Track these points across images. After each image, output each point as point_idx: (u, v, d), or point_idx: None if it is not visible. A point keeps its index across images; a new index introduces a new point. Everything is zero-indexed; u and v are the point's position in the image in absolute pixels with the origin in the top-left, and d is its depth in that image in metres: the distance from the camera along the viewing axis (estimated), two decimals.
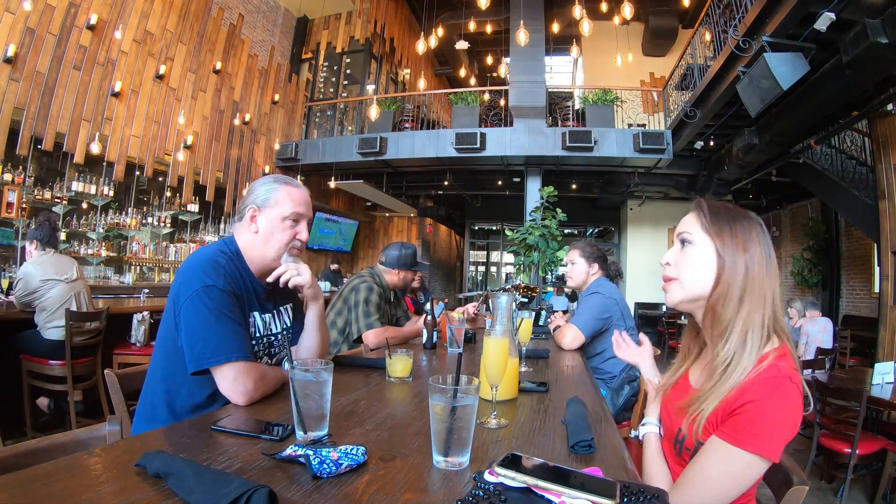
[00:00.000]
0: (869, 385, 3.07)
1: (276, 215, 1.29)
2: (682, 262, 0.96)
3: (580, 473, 0.71)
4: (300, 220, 1.33)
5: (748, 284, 0.89)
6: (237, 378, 1.12)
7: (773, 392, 0.81)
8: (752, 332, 0.87)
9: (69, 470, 0.71)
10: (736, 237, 0.91)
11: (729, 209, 0.96)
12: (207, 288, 1.16)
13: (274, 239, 1.29)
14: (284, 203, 1.30)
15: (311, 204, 1.37)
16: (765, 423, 0.80)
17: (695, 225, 0.96)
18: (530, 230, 6.04)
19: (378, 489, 0.68)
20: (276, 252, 1.30)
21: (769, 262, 0.90)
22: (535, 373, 1.66)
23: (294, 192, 1.32)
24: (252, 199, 1.32)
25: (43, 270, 3.02)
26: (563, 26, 7.88)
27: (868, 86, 4.67)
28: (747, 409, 0.81)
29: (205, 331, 1.13)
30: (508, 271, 13.73)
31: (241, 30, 7.62)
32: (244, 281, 1.28)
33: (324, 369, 0.89)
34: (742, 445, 0.80)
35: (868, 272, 7.13)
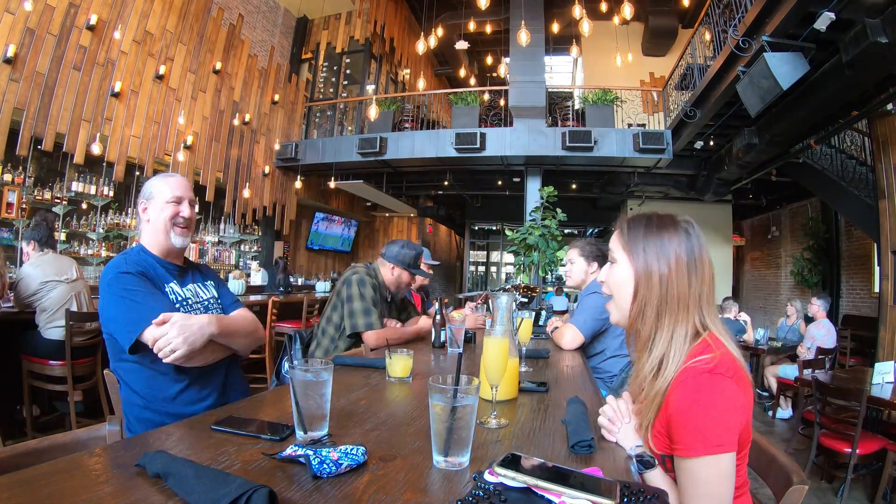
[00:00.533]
0: (869, 385, 3.06)
1: (160, 201, 1.48)
2: (610, 281, 1.00)
3: (580, 473, 0.71)
4: (181, 202, 1.50)
5: (665, 298, 0.91)
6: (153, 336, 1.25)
7: (688, 393, 0.83)
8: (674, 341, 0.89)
9: (69, 470, 0.71)
10: (650, 252, 0.93)
11: (649, 222, 0.97)
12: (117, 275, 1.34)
13: (160, 221, 1.47)
14: (163, 189, 1.48)
15: (189, 187, 1.55)
16: (693, 425, 0.81)
17: (616, 243, 1.00)
18: (530, 230, 6.03)
19: (378, 489, 0.68)
20: (165, 232, 1.47)
21: (692, 270, 0.91)
22: (535, 373, 1.66)
23: (169, 179, 1.52)
24: (141, 197, 1.52)
25: (42, 272, 3.02)
26: (562, 26, 7.88)
27: (868, 86, 4.67)
28: (676, 420, 0.83)
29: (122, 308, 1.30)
30: (509, 271, 13.73)
31: (241, 30, 7.62)
32: (150, 264, 1.45)
33: (324, 369, 0.90)
34: (693, 453, 0.81)
35: (868, 272, 7.13)
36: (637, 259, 0.94)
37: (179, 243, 1.50)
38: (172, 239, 1.48)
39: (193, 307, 1.48)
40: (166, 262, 1.51)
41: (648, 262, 0.92)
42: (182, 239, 1.50)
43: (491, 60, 10.95)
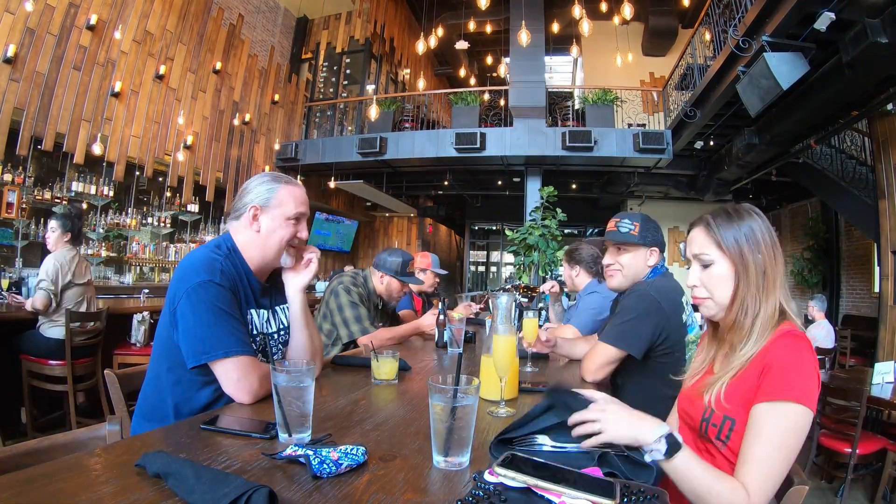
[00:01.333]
0: (869, 385, 3.06)
1: (280, 215, 1.29)
2: (709, 283, 1.01)
3: (580, 473, 0.71)
4: (301, 219, 1.33)
5: (764, 283, 0.96)
6: (242, 376, 1.11)
7: (793, 348, 0.88)
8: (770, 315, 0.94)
9: (69, 470, 0.71)
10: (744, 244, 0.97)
11: (731, 215, 1.00)
12: (204, 283, 1.15)
13: (276, 237, 1.29)
14: (287, 203, 1.30)
15: (308, 202, 1.38)
16: (795, 374, 0.86)
17: (708, 244, 1.01)
18: (530, 230, 6.04)
19: (378, 489, 0.68)
20: (278, 251, 1.30)
21: (776, 254, 0.98)
22: (534, 373, 1.66)
23: (296, 191, 1.33)
24: (252, 197, 1.30)
25: (67, 266, 3.06)
26: (562, 26, 7.88)
27: (868, 86, 4.67)
28: (774, 366, 0.87)
29: (203, 325, 1.12)
30: (509, 272, 13.73)
31: (241, 30, 7.62)
32: (241, 278, 1.27)
33: (306, 373, 0.89)
34: (786, 397, 0.84)
35: (868, 272, 7.13)
36: (734, 253, 0.97)
37: (289, 263, 1.34)
38: (283, 261, 1.32)
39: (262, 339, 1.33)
40: (256, 279, 1.33)
41: (745, 253, 0.97)
42: (292, 260, 1.33)
43: (491, 60, 10.95)
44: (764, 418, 0.85)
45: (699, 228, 1.03)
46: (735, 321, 0.97)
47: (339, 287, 2.29)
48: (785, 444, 0.83)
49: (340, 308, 2.24)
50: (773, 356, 0.88)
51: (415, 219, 12.18)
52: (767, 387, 0.86)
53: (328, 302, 2.29)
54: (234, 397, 1.12)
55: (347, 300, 2.24)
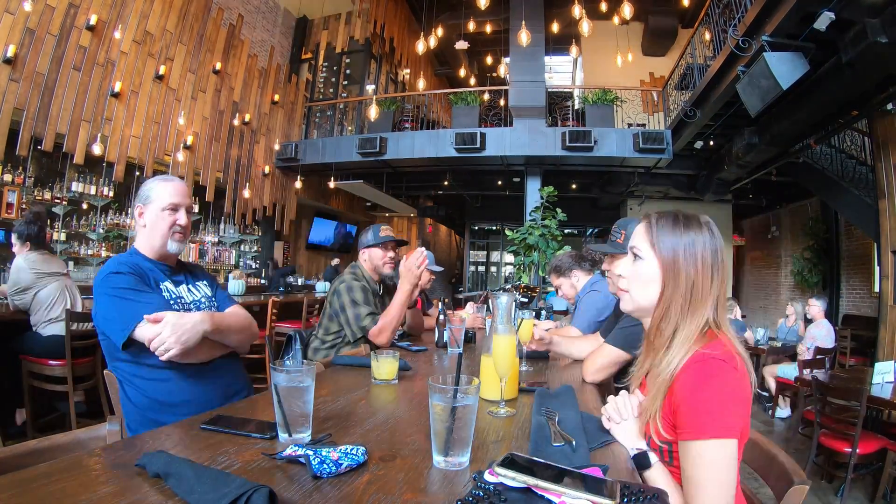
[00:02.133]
0: (869, 385, 3.06)
1: (156, 207, 1.46)
2: (633, 277, 1.01)
3: (580, 473, 0.71)
4: (178, 209, 1.49)
5: (691, 298, 0.93)
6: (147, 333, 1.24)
7: (697, 377, 0.84)
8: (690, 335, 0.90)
9: (69, 470, 0.71)
10: (679, 251, 0.94)
11: (676, 220, 0.97)
12: (106, 277, 1.34)
13: (157, 228, 1.46)
14: (161, 195, 1.47)
15: (188, 194, 1.54)
16: (702, 408, 0.82)
17: (643, 240, 0.99)
18: (530, 230, 6.04)
19: (378, 489, 0.68)
20: (161, 238, 1.46)
21: (716, 271, 0.94)
22: (535, 373, 1.66)
23: (169, 185, 1.49)
24: (138, 199, 1.50)
25: (35, 265, 3.03)
26: (562, 26, 7.88)
27: (868, 85, 4.66)
28: (681, 402, 0.84)
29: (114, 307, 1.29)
30: (509, 271, 13.73)
31: (241, 30, 7.62)
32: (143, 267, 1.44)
33: (306, 373, 0.89)
34: (698, 436, 0.81)
35: (868, 272, 7.13)
36: (666, 257, 0.95)
37: (175, 249, 1.50)
38: (169, 246, 1.48)
39: (188, 305, 1.48)
40: (160, 263, 1.51)
41: (678, 261, 0.94)
42: (178, 245, 1.50)
43: (491, 60, 10.95)
44: (685, 459, 0.84)
45: (642, 224, 1.02)
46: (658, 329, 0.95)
47: (340, 286, 2.28)
48: (714, 479, 0.81)
49: (342, 308, 2.23)
50: (679, 390, 0.85)
51: (415, 219, 12.19)
52: (680, 424, 0.85)
53: (332, 303, 2.28)
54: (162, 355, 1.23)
55: (348, 299, 2.23)
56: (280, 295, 6.32)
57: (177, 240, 1.49)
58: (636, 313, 1.03)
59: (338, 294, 2.26)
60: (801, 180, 7.24)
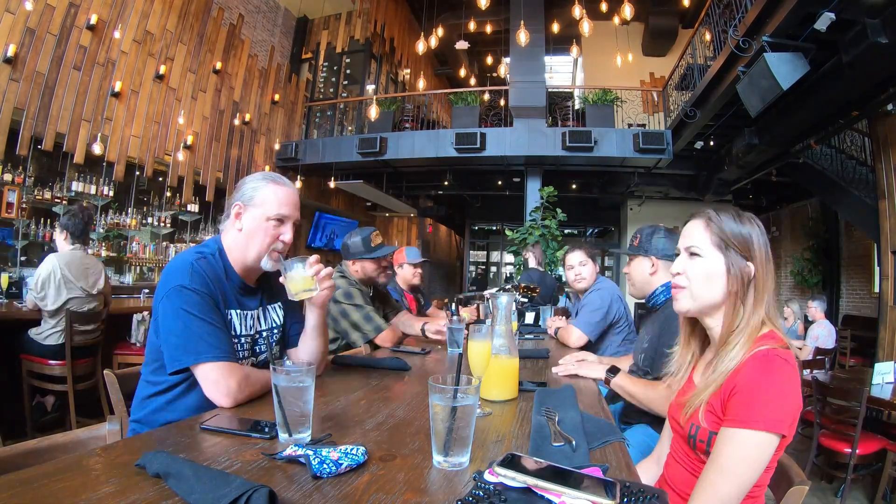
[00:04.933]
0: (869, 385, 3.06)
1: (260, 214, 1.25)
2: (693, 275, 1.00)
3: (580, 473, 0.71)
4: (285, 222, 1.28)
5: (754, 292, 0.95)
6: (219, 379, 1.10)
7: (762, 369, 0.85)
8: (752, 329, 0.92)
9: (69, 470, 0.71)
10: (742, 249, 0.96)
11: (734, 216, 0.99)
12: (177, 288, 1.15)
13: (256, 239, 1.25)
14: (270, 202, 1.26)
15: (298, 205, 1.32)
16: (760, 398, 0.83)
17: (703, 237, 0.99)
18: (530, 230, 6.04)
19: (378, 489, 0.68)
20: (257, 253, 1.26)
21: (769, 265, 0.96)
22: (534, 372, 1.66)
23: (280, 190, 1.28)
24: (238, 195, 1.28)
25: (66, 270, 2.96)
26: (563, 26, 7.88)
27: (868, 86, 4.67)
28: (740, 390, 0.85)
29: (179, 330, 1.12)
30: (509, 271, 13.73)
31: (241, 30, 7.62)
32: (222, 279, 1.24)
33: (306, 373, 0.89)
34: (745, 425, 0.83)
35: (868, 272, 7.13)
36: (731, 254, 0.96)
37: (270, 268, 1.28)
38: (264, 263, 1.27)
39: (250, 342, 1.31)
40: (240, 279, 1.30)
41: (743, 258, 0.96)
42: (273, 264, 1.28)
43: (491, 60, 10.94)
44: (722, 443, 0.85)
45: (699, 220, 1.01)
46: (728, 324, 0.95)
47: (336, 292, 2.19)
48: (736, 473, 0.82)
49: (345, 313, 2.18)
50: (741, 378, 0.86)
51: (415, 219, 12.18)
52: (731, 411, 0.86)
53: (330, 309, 2.19)
54: (214, 401, 1.11)
55: (350, 305, 2.19)
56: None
57: (274, 258, 1.27)
58: (692, 312, 1.02)
59: (334, 300, 2.18)
60: (801, 181, 7.24)
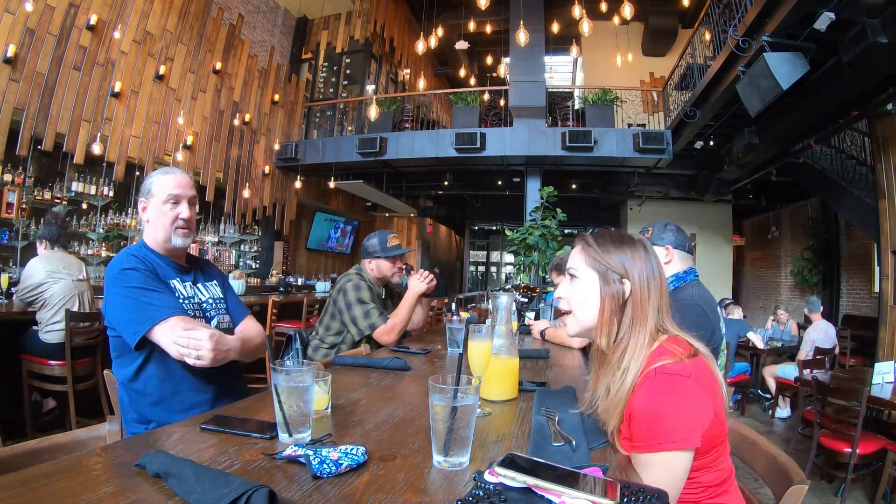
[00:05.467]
0: (869, 385, 3.07)
1: (157, 201, 1.42)
2: (573, 297, 1.02)
3: (580, 473, 0.71)
4: (180, 201, 1.43)
5: (632, 309, 0.95)
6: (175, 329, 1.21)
7: (651, 391, 0.86)
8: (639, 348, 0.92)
9: (69, 470, 0.71)
10: (617, 267, 0.97)
11: (612, 239, 1.01)
12: (119, 272, 1.30)
13: (160, 222, 1.42)
14: (162, 189, 1.42)
15: (189, 185, 1.46)
16: (655, 422, 0.84)
17: (579, 259, 1.02)
18: (530, 230, 6.03)
19: (378, 489, 0.68)
20: (164, 233, 1.42)
21: (652, 281, 0.96)
22: (534, 372, 1.66)
23: (170, 178, 1.44)
24: (141, 194, 1.46)
25: (49, 264, 3.02)
26: (562, 26, 7.88)
27: (868, 86, 4.67)
28: (636, 416, 0.86)
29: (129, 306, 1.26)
30: (509, 271, 13.73)
31: (241, 30, 7.62)
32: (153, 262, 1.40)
33: (306, 373, 0.89)
34: (651, 449, 0.83)
35: (868, 272, 7.13)
36: (604, 276, 0.97)
37: (180, 244, 1.45)
38: (173, 241, 1.44)
39: (197, 307, 1.44)
40: (169, 259, 1.47)
41: (614, 279, 0.97)
42: (183, 240, 1.45)
43: (491, 60, 10.95)
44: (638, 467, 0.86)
45: (577, 245, 1.04)
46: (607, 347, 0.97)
47: (347, 284, 2.29)
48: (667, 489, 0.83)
49: (349, 306, 2.25)
50: (636, 404, 0.87)
51: (415, 219, 12.18)
52: (635, 436, 0.86)
53: (336, 301, 2.29)
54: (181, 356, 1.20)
55: (355, 297, 2.25)
56: (280, 295, 6.33)
57: (180, 234, 1.44)
58: (582, 334, 1.04)
59: (344, 292, 2.28)
60: (801, 180, 7.24)
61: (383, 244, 2.40)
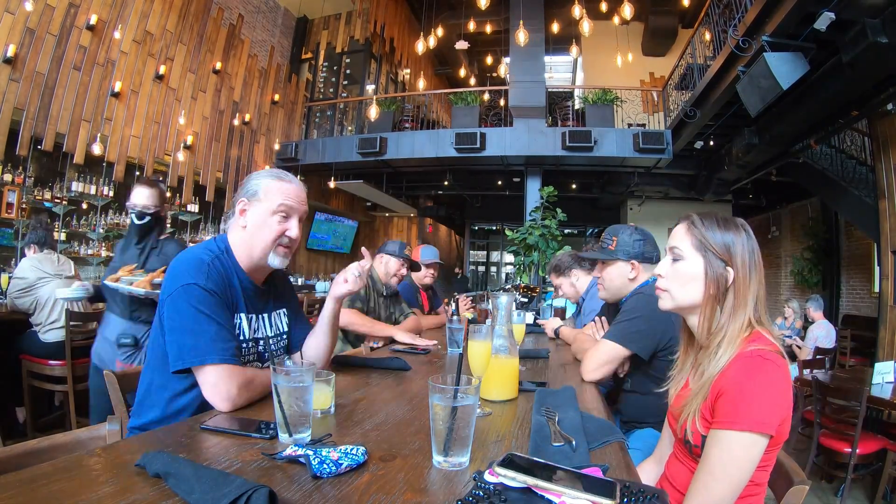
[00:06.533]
0: (869, 385, 3.06)
1: (265, 209, 1.23)
2: (673, 276, 1.03)
3: (580, 473, 0.71)
4: (290, 216, 1.26)
5: (734, 295, 0.96)
6: (218, 382, 1.08)
7: (746, 370, 0.87)
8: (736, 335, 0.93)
9: (69, 470, 0.71)
10: (723, 253, 0.98)
11: (717, 222, 1.01)
12: (188, 286, 1.12)
13: (261, 234, 1.23)
14: (274, 196, 1.23)
15: (304, 200, 1.29)
16: (744, 400, 0.84)
17: (685, 240, 1.02)
18: (530, 230, 6.03)
19: (378, 489, 0.68)
20: (263, 249, 1.24)
21: (753, 269, 0.97)
22: (534, 372, 1.66)
23: (285, 185, 1.26)
24: (243, 192, 1.27)
25: (39, 265, 3.04)
26: (562, 26, 7.88)
27: (868, 85, 4.67)
28: (725, 392, 0.87)
29: (184, 329, 1.10)
30: (509, 271, 13.73)
31: (241, 30, 7.62)
32: (231, 279, 1.22)
33: (306, 372, 0.89)
34: (731, 426, 0.84)
35: (868, 272, 7.13)
36: (710, 258, 0.98)
37: (278, 264, 1.26)
38: (270, 259, 1.25)
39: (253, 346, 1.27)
40: (248, 280, 1.27)
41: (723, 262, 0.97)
42: (282, 260, 1.27)
43: (491, 60, 10.95)
44: (710, 445, 0.86)
45: (682, 225, 1.04)
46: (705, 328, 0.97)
47: None
48: (726, 474, 0.83)
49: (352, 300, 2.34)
50: (727, 380, 0.88)
51: (415, 219, 12.18)
52: (718, 413, 0.87)
53: None
54: (212, 403, 1.09)
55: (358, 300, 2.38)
56: None
57: (281, 254, 1.26)
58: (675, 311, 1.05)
59: None
60: (801, 180, 7.24)
61: (401, 248, 2.65)
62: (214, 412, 1.06)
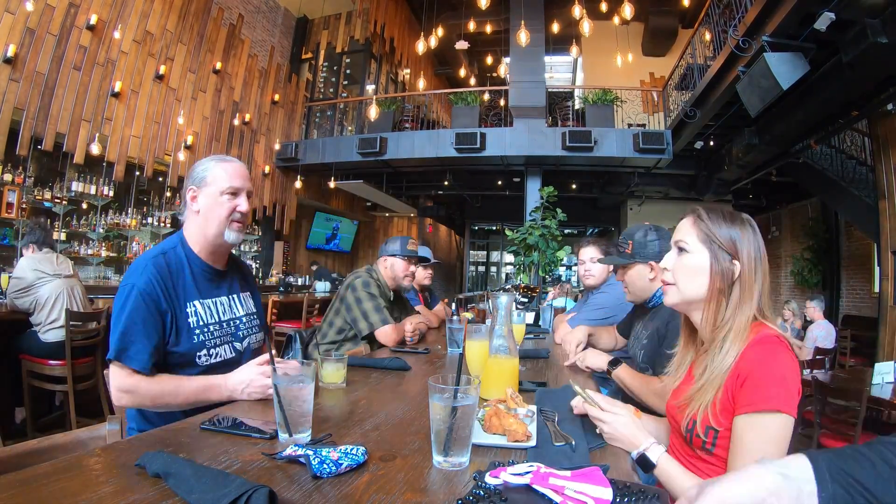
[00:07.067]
0: (869, 385, 3.06)
1: (214, 191, 1.32)
2: (679, 270, 1.03)
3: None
4: (238, 194, 1.35)
5: (741, 289, 0.96)
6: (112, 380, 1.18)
7: (767, 354, 0.87)
8: (742, 328, 0.94)
9: (69, 470, 0.71)
10: (729, 246, 0.98)
11: (723, 216, 1.01)
12: (125, 287, 1.22)
13: (214, 213, 1.31)
14: (220, 178, 1.32)
15: (248, 177, 1.39)
16: (771, 382, 0.85)
17: (691, 233, 1.02)
18: (530, 230, 6.03)
19: (378, 489, 0.68)
20: (218, 226, 1.32)
21: (759, 264, 0.97)
22: (534, 372, 1.66)
23: (228, 166, 1.35)
24: (191, 181, 1.34)
25: (38, 265, 3.04)
26: (563, 26, 7.88)
27: (868, 86, 4.67)
28: (750, 377, 0.86)
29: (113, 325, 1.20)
30: (508, 271, 13.73)
31: (241, 30, 7.62)
32: (184, 271, 1.30)
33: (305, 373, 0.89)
34: (763, 408, 0.84)
35: (868, 272, 7.13)
36: (715, 252, 0.98)
37: (234, 239, 1.35)
38: (227, 235, 1.33)
39: (217, 327, 1.33)
40: (205, 265, 1.35)
41: (728, 255, 0.97)
42: (237, 234, 1.35)
43: (491, 60, 10.93)
44: (744, 431, 0.86)
45: (688, 218, 1.04)
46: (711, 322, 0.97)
47: (356, 281, 2.32)
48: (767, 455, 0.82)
49: (359, 301, 2.26)
50: (748, 365, 0.88)
51: (415, 219, 12.18)
52: (745, 398, 0.86)
53: (345, 297, 2.30)
54: None
55: (366, 293, 2.27)
56: (280, 295, 6.33)
57: (235, 229, 1.34)
58: (681, 306, 1.05)
59: (353, 288, 2.30)
60: (801, 180, 7.24)
61: (403, 245, 2.47)
62: (214, 412, 1.06)
